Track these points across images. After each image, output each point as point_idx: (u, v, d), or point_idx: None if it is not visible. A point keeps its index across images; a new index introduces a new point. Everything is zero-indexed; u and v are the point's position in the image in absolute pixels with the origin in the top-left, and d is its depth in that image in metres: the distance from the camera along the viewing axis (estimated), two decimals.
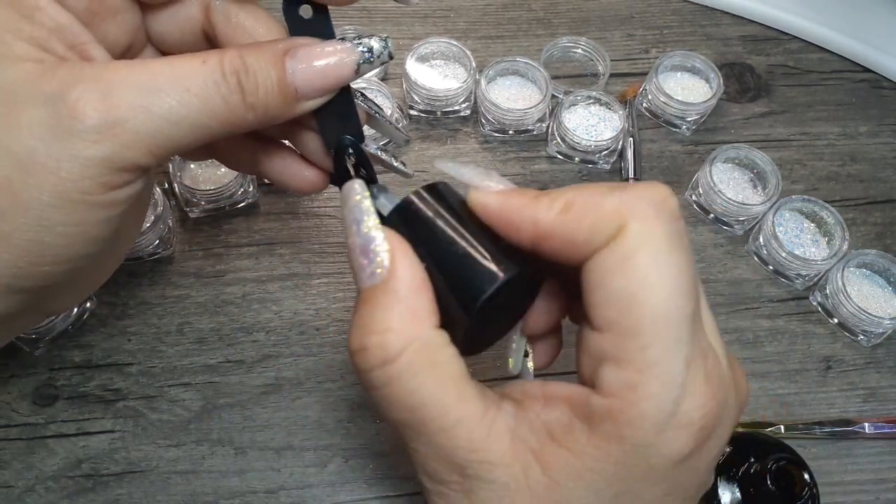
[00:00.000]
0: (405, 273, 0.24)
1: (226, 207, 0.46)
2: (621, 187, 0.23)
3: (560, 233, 0.24)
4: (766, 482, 0.33)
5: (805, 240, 0.47)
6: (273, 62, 0.25)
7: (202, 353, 0.42)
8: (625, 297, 0.22)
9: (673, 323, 0.22)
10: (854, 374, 0.44)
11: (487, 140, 0.50)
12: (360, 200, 0.25)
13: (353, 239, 0.25)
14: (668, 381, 0.22)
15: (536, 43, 0.54)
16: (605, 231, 0.23)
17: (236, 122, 0.24)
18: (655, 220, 0.22)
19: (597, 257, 0.23)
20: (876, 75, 0.55)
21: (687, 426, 0.22)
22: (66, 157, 0.22)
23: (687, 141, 0.51)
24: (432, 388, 0.23)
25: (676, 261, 0.22)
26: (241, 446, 0.39)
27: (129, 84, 0.22)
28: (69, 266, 0.24)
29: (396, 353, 0.23)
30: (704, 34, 0.56)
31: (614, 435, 0.22)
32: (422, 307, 0.24)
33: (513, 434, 0.24)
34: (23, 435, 0.39)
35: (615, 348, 0.22)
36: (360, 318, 0.24)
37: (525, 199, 0.25)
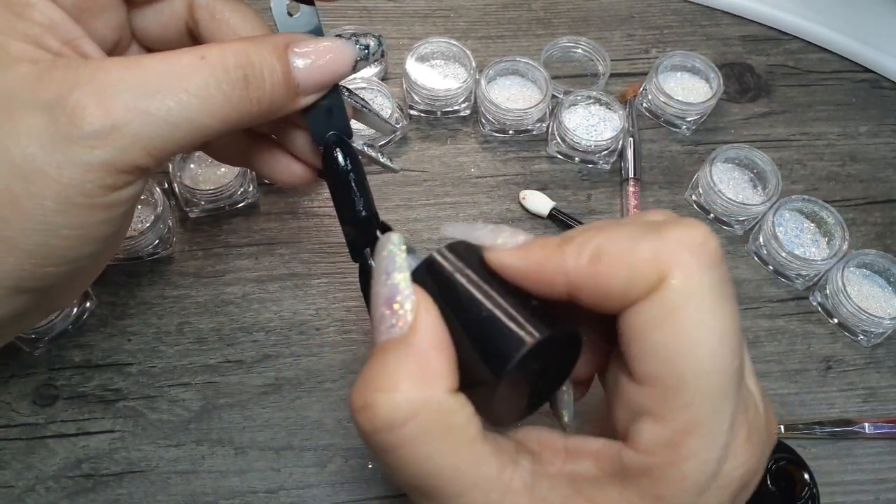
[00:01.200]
0: (426, 330, 0.22)
1: (226, 207, 0.46)
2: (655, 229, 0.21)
3: (594, 285, 0.22)
4: (765, 482, 0.33)
5: (805, 240, 0.47)
6: (278, 55, 0.25)
7: (202, 353, 0.42)
8: (669, 353, 0.21)
9: (719, 380, 0.20)
10: (854, 374, 0.44)
11: (487, 140, 0.50)
12: (395, 252, 0.24)
13: (380, 288, 0.23)
14: (712, 442, 0.20)
15: (536, 43, 0.54)
16: (644, 283, 0.21)
17: (238, 117, 0.24)
18: (698, 269, 0.21)
19: (637, 309, 0.21)
20: (876, 75, 0.55)
21: (727, 486, 0.21)
22: (66, 164, 0.22)
23: (687, 141, 0.51)
24: (446, 456, 0.21)
25: (723, 314, 0.21)
26: (240, 446, 0.39)
27: (126, 86, 0.22)
28: (73, 266, 0.24)
29: (406, 416, 0.21)
30: (704, 34, 0.56)
31: (650, 493, 0.21)
32: (438, 367, 0.22)
33: (531, 493, 0.22)
34: (23, 435, 0.39)
35: (656, 404, 0.21)
36: (369, 371, 0.22)
37: (548, 250, 0.23)
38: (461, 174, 0.49)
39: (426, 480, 0.21)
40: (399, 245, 0.24)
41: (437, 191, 0.48)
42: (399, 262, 0.23)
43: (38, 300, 0.25)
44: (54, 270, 0.24)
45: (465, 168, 0.49)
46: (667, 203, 0.49)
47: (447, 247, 0.25)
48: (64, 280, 0.25)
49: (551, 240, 0.23)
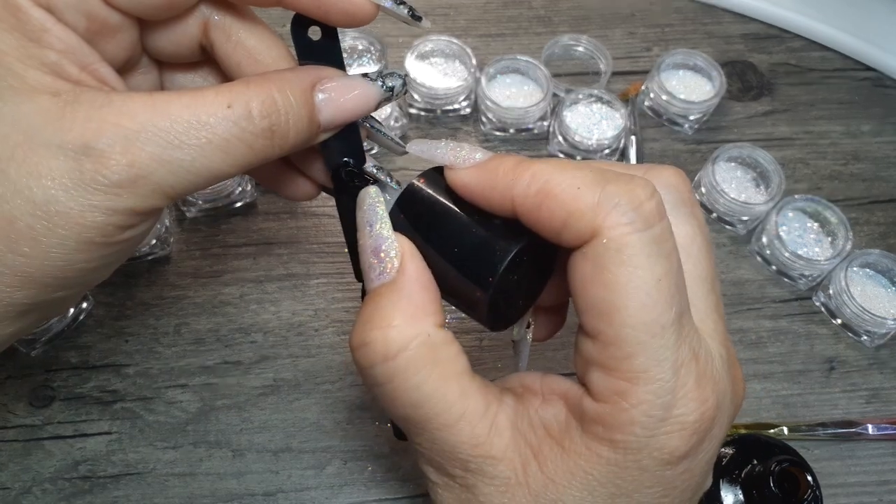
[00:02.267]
0: (412, 272, 0.24)
1: (224, 207, 0.45)
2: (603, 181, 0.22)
3: (536, 217, 0.23)
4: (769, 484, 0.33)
5: (808, 239, 0.46)
6: (304, 99, 0.25)
7: (200, 354, 0.41)
8: (603, 307, 0.22)
9: (655, 330, 0.22)
10: (857, 375, 0.43)
11: (488, 138, 0.50)
12: (374, 205, 0.26)
13: (366, 240, 0.25)
14: (656, 389, 0.22)
15: (537, 41, 0.54)
16: (579, 230, 0.22)
17: (257, 163, 0.25)
18: (629, 228, 0.22)
19: (574, 260, 0.23)
20: (878, 74, 0.55)
21: (679, 430, 0.22)
22: (89, 209, 0.22)
23: (689, 140, 0.51)
24: (435, 385, 0.23)
25: (655, 269, 0.22)
26: (238, 448, 0.39)
27: (151, 135, 0.22)
28: (83, 289, 0.25)
29: (399, 348, 0.23)
30: (706, 32, 0.56)
31: (605, 438, 0.23)
32: (426, 304, 0.24)
33: (514, 429, 0.24)
34: (19, 436, 0.39)
35: (602, 356, 0.23)
36: (365, 314, 0.24)
37: (501, 172, 0.24)
38: None
39: (417, 410, 0.23)
40: (377, 198, 0.26)
41: None
42: (380, 212, 0.25)
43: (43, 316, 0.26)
44: (65, 294, 0.24)
45: None
46: None
47: (420, 177, 0.26)
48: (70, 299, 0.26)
49: (507, 160, 0.24)
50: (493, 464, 0.23)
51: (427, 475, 0.26)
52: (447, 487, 0.25)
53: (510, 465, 0.24)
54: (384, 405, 0.25)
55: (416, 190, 0.26)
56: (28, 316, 0.25)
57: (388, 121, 0.48)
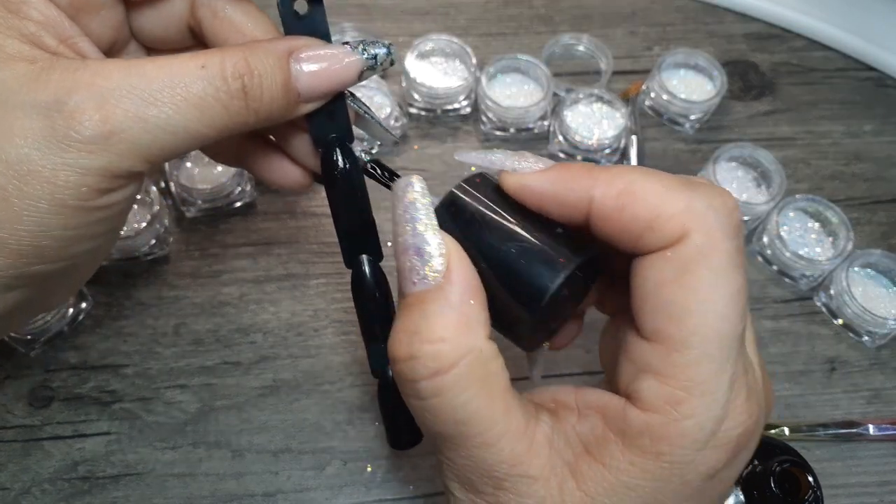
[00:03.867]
0: (460, 280, 0.23)
1: (223, 207, 0.45)
2: (688, 185, 0.22)
3: (618, 219, 0.22)
4: (769, 484, 0.33)
5: (809, 239, 0.46)
6: (279, 64, 0.24)
7: (199, 355, 0.41)
8: (678, 312, 0.21)
9: (725, 343, 0.21)
10: (858, 376, 0.43)
11: (488, 138, 0.50)
12: (418, 198, 0.24)
13: (407, 238, 0.23)
14: (712, 402, 0.21)
15: (538, 40, 0.54)
16: (666, 233, 0.22)
17: (235, 126, 0.24)
18: (720, 233, 0.21)
19: (652, 261, 0.22)
20: (880, 73, 0.55)
21: (725, 444, 0.22)
22: (62, 167, 0.22)
23: (690, 139, 0.51)
24: (482, 402, 0.22)
25: (735, 280, 0.22)
26: (238, 449, 0.39)
27: (125, 92, 0.22)
28: (65, 263, 0.24)
29: (451, 363, 0.22)
30: (708, 31, 0.56)
31: (651, 451, 0.22)
32: (476, 316, 0.23)
33: (551, 447, 0.23)
34: (18, 437, 0.39)
35: (661, 361, 0.22)
36: (410, 323, 0.22)
37: (578, 173, 0.23)
38: (461, 173, 0.48)
39: (461, 427, 0.22)
40: (423, 190, 0.24)
41: (436, 190, 0.47)
42: (425, 207, 0.23)
43: (29, 296, 0.25)
44: (46, 268, 0.24)
45: (466, 167, 0.49)
46: None
47: (464, 182, 0.25)
48: (56, 277, 0.25)
49: (580, 165, 0.23)
50: (528, 483, 0.23)
51: (451, 491, 0.24)
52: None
53: (546, 484, 0.23)
54: (422, 419, 0.23)
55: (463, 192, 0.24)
56: (11, 293, 0.24)
57: (387, 120, 0.47)
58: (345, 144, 0.27)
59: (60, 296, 0.30)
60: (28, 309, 0.27)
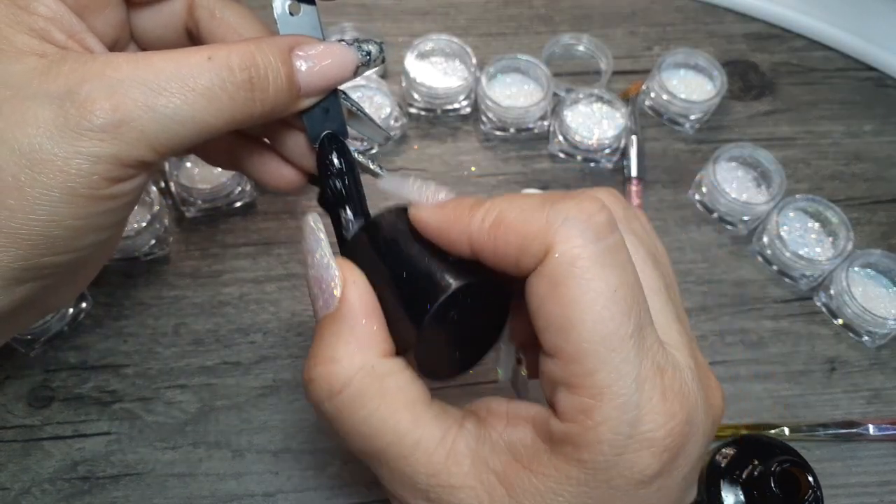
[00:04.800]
0: (354, 300, 0.24)
1: (223, 207, 0.45)
2: (552, 201, 0.23)
3: (492, 249, 0.23)
4: (769, 484, 0.33)
5: (809, 239, 0.46)
6: (282, 58, 0.25)
7: (199, 355, 0.41)
8: (561, 323, 0.22)
9: (615, 344, 0.22)
10: (858, 376, 0.43)
11: (488, 138, 0.50)
12: (314, 231, 0.26)
13: (308, 270, 0.25)
14: (621, 405, 0.22)
15: (538, 40, 0.54)
16: (533, 252, 0.22)
17: (241, 118, 0.25)
18: (581, 241, 0.22)
19: (531, 281, 0.23)
20: (880, 73, 0.55)
21: (648, 447, 0.22)
22: (73, 155, 0.22)
23: (690, 139, 0.51)
24: (384, 416, 0.23)
25: (609, 280, 0.22)
26: (238, 449, 0.39)
27: (135, 82, 0.23)
28: (75, 255, 0.25)
29: (343, 383, 0.23)
30: (708, 31, 0.56)
31: (574, 458, 0.22)
32: (369, 335, 0.24)
33: (474, 455, 0.23)
34: (18, 437, 0.39)
35: (565, 374, 0.22)
36: (312, 349, 0.24)
37: (459, 211, 0.24)
38: (461, 173, 0.49)
39: (370, 443, 0.23)
40: (317, 224, 0.26)
41: None
42: (318, 239, 0.25)
43: (38, 292, 0.25)
44: (56, 259, 0.24)
45: (466, 167, 0.49)
46: (670, 202, 0.48)
47: (383, 212, 0.27)
48: (63, 272, 0.25)
49: (466, 201, 0.25)
50: (452, 492, 0.23)
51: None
52: None
53: (471, 492, 0.23)
54: (339, 441, 0.24)
55: (381, 219, 0.26)
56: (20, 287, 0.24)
57: (387, 120, 0.47)
58: (339, 140, 0.28)
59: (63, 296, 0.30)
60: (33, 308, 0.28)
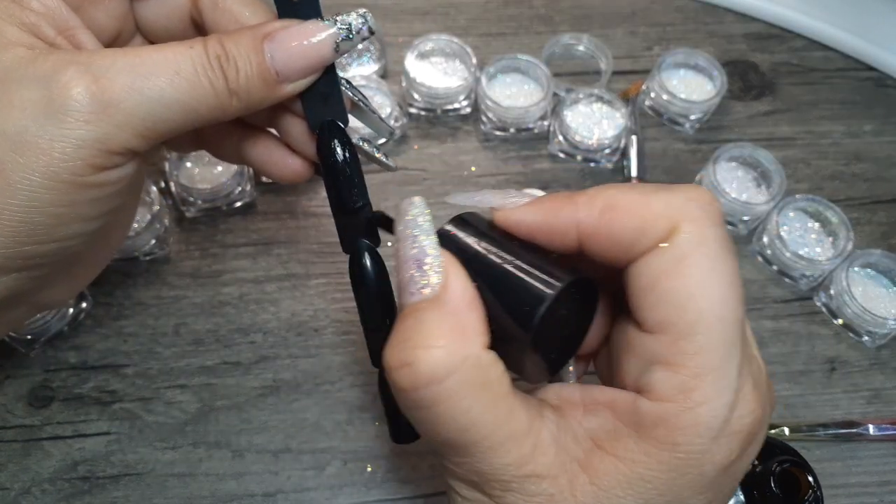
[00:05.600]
0: (458, 289, 0.23)
1: (222, 207, 0.45)
2: (665, 188, 0.23)
3: (605, 233, 0.23)
4: (770, 484, 0.33)
5: (809, 239, 0.46)
6: (253, 47, 0.25)
7: (199, 355, 0.41)
8: (680, 299, 0.22)
9: (729, 326, 0.22)
10: (858, 376, 0.43)
11: (488, 138, 0.50)
12: (419, 215, 0.24)
13: (407, 251, 0.24)
14: (723, 388, 0.21)
15: (538, 40, 0.54)
16: (655, 232, 0.22)
17: (222, 107, 0.25)
18: (708, 222, 0.22)
19: (647, 258, 0.22)
20: (880, 73, 0.55)
21: (738, 433, 0.22)
22: (57, 137, 0.22)
23: (690, 139, 0.51)
24: (484, 408, 0.22)
25: (729, 264, 0.22)
26: (238, 449, 0.39)
27: (121, 67, 0.23)
28: (59, 245, 0.24)
29: (448, 371, 0.22)
30: (708, 32, 0.56)
31: (667, 441, 0.22)
32: (473, 324, 0.23)
33: (557, 444, 0.23)
34: (18, 437, 0.39)
35: (668, 351, 0.22)
36: (405, 332, 0.22)
37: (561, 202, 0.24)
38: (461, 173, 0.49)
39: (464, 434, 0.22)
40: (423, 208, 0.24)
41: (436, 190, 0.48)
42: (425, 224, 0.24)
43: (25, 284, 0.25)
44: (40, 249, 0.24)
45: (466, 167, 0.49)
46: None
47: (455, 219, 0.26)
48: (52, 262, 0.25)
49: (562, 194, 0.24)
50: (536, 482, 0.22)
51: (456, 490, 0.24)
52: None
53: (555, 481, 0.22)
54: (423, 428, 0.23)
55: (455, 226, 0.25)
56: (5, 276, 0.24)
57: (388, 120, 0.47)
58: (338, 126, 0.28)
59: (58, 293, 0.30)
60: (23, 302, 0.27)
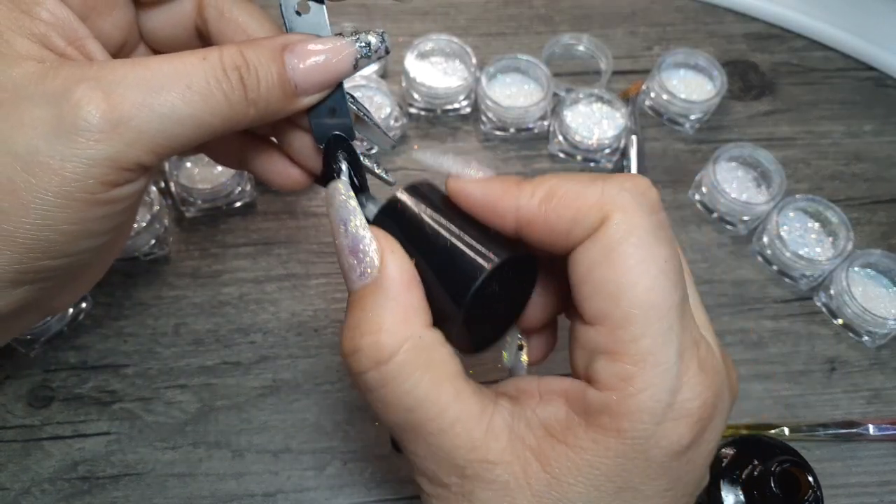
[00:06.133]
0: (395, 271, 0.24)
1: (223, 207, 0.45)
2: (603, 178, 0.24)
3: (543, 221, 0.24)
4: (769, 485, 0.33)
5: (809, 239, 0.46)
6: (273, 57, 0.25)
7: (199, 355, 0.41)
8: (613, 289, 0.22)
9: (663, 312, 0.22)
10: (858, 376, 0.43)
11: (488, 138, 0.50)
12: (346, 200, 0.25)
13: (341, 240, 0.25)
14: (662, 372, 0.22)
15: (538, 40, 0.54)
16: (588, 222, 0.23)
17: (237, 118, 0.25)
18: (638, 211, 0.23)
19: (582, 249, 0.23)
20: (880, 73, 0.55)
21: (685, 417, 0.22)
22: (69, 157, 0.22)
23: (690, 139, 0.51)
24: (428, 388, 0.23)
25: (661, 251, 0.23)
26: (238, 449, 0.39)
27: (132, 82, 0.23)
28: (71, 260, 0.24)
29: (391, 352, 0.23)
30: (708, 32, 0.56)
31: (612, 428, 0.22)
32: (413, 305, 0.24)
33: (511, 431, 0.24)
34: (18, 437, 0.39)
35: (608, 341, 0.23)
36: (352, 319, 0.24)
37: (507, 185, 0.25)
38: None
39: (410, 415, 0.23)
40: (347, 192, 0.25)
41: None
42: (351, 208, 0.25)
43: (36, 295, 0.25)
44: (52, 263, 0.24)
45: None
46: (670, 202, 0.48)
47: (408, 187, 0.26)
48: (63, 275, 0.25)
49: (512, 177, 0.25)
50: (489, 468, 0.23)
51: (422, 486, 0.25)
52: (443, 498, 0.24)
53: (508, 468, 0.23)
54: (377, 411, 0.24)
55: (406, 196, 0.26)
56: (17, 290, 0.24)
57: (387, 120, 0.47)
58: (346, 141, 0.28)
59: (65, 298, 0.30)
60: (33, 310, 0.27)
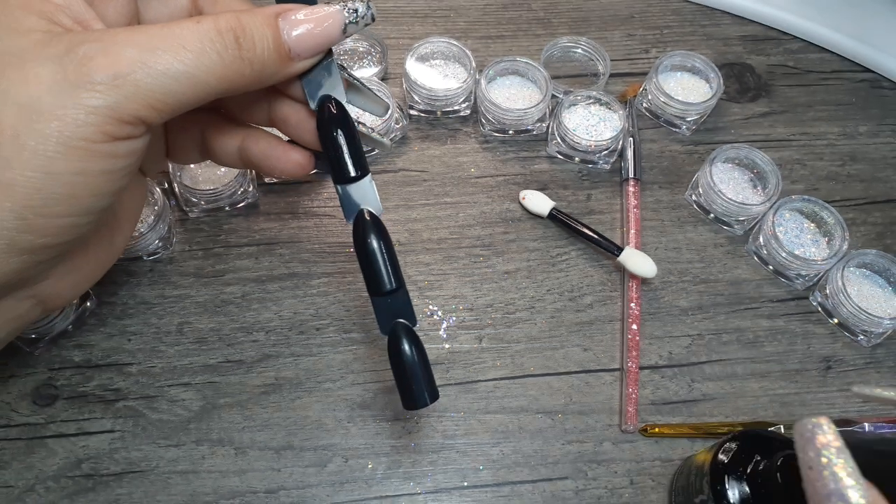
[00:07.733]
0: None
1: (225, 207, 0.46)
2: None
3: None
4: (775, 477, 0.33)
5: (805, 240, 0.47)
6: (267, 23, 0.27)
7: (202, 353, 0.42)
8: None
9: None
10: (854, 375, 0.44)
11: (487, 140, 0.50)
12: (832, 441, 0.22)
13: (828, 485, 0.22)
14: None
15: (536, 42, 0.54)
16: None
17: (233, 77, 0.26)
18: None
19: None
20: (876, 75, 0.55)
21: None
22: (70, 105, 0.23)
23: (687, 141, 0.51)
24: None
25: None
26: (240, 446, 0.39)
27: (130, 43, 0.24)
28: (68, 221, 0.25)
29: None
30: (704, 34, 0.56)
31: None
32: None
33: None
34: (22, 435, 0.39)
35: None
36: None
37: None
38: (461, 174, 0.49)
39: None
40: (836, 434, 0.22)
41: (436, 191, 0.48)
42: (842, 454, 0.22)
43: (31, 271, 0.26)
44: (53, 223, 0.25)
45: (465, 168, 0.49)
46: (667, 203, 0.49)
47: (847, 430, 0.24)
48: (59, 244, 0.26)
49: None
50: None
51: None
52: None
53: None
54: None
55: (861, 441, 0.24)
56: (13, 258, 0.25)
57: (388, 121, 0.48)
58: (337, 101, 0.30)
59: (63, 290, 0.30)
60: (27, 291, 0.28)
